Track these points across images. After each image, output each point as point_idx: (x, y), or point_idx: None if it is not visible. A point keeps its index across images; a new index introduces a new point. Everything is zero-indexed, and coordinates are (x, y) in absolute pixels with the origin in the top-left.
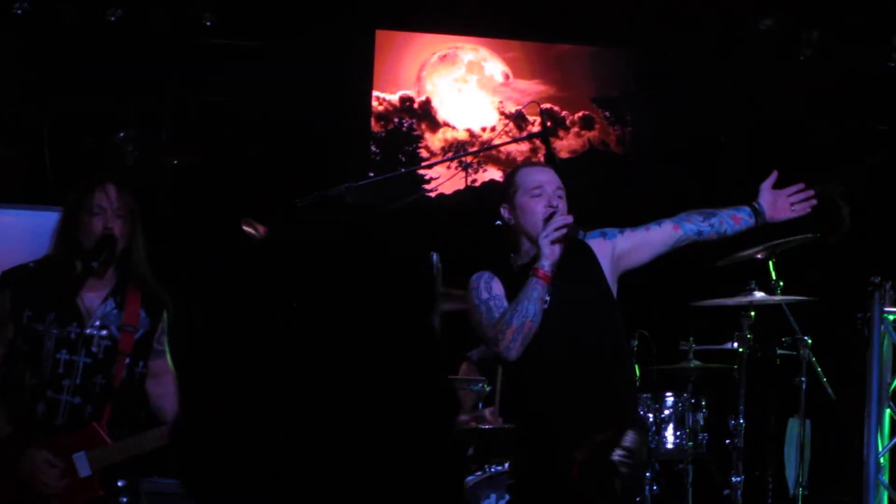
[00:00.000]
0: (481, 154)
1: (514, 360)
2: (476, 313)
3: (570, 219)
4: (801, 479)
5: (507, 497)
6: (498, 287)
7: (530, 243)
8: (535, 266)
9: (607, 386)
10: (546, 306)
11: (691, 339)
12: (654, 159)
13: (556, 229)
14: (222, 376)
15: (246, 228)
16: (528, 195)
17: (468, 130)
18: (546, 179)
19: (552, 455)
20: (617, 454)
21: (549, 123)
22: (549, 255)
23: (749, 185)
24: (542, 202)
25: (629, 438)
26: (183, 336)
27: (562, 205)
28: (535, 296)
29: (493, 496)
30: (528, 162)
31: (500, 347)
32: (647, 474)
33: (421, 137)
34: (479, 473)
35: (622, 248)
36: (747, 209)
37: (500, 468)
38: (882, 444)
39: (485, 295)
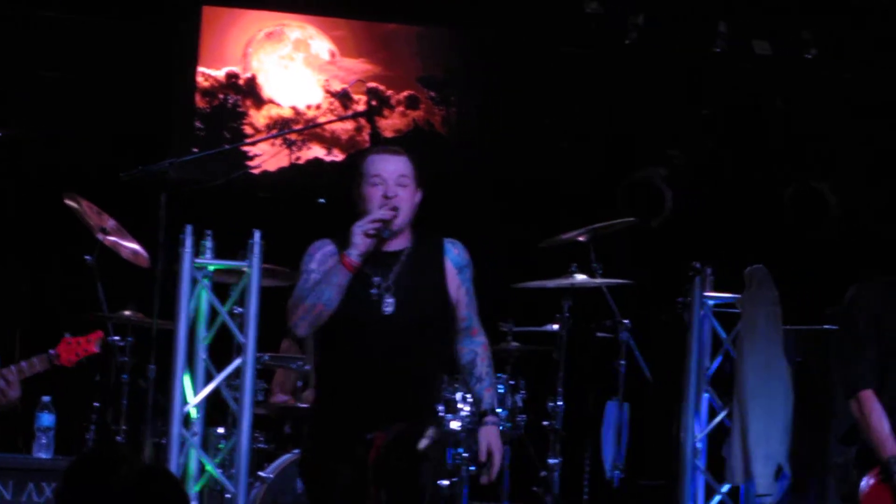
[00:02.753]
0: (306, 132)
1: (306, 336)
2: (297, 279)
3: (388, 214)
4: (617, 462)
5: None
6: (334, 262)
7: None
8: (343, 252)
9: (408, 379)
10: (343, 293)
11: (511, 320)
12: (478, 141)
13: (371, 222)
14: None
15: (68, 202)
16: (368, 184)
17: (293, 108)
18: (388, 168)
19: (341, 437)
20: (423, 442)
21: (374, 102)
22: (359, 245)
23: (577, 171)
24: (380, 191)
25: (432, 430)
26: None
27: (403, 194)
28: (335, 281)
29: None
30: (377, 148)
31: (290, 321)
32: (465, 454)
33: (246, 114)
34: (295, 451)
35: (453, 286)
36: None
37: None
38: (699, 428)
39: (311, 265)
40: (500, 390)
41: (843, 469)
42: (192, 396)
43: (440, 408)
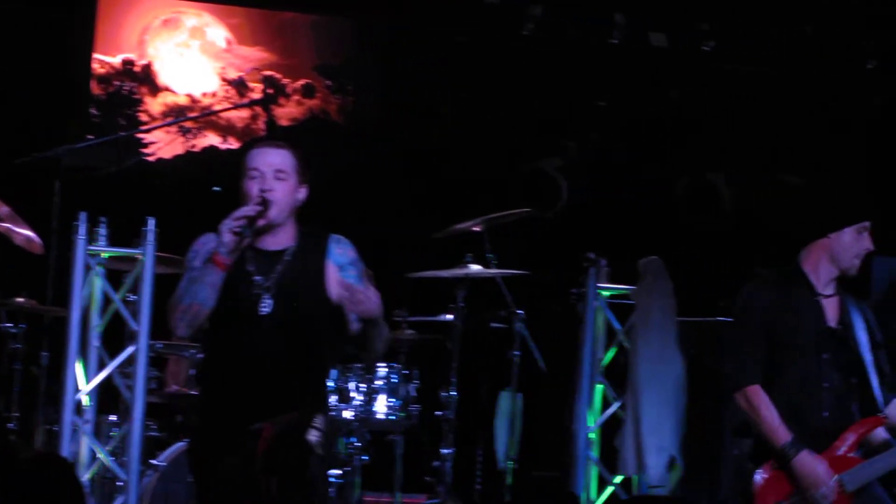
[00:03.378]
0: (201, 119)
1: (186, 336)
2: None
3: (253, 210)
4: (510, 453)
5: None
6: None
7: None
8: (213, 250)
9: (286, 378)
10: (218, 292)
11: (405, 309)
12: (374, 130)
13: (236, 219)
14: None
15: None
16: (247, 177)
17: (189, 95)
18: (266, 161)
19: (228, 429)
20: (312, 433)
21: (270, 91)
22: (227, 243)
23: (472, 161)
24: (256, 185)
25: (321, 420)
26: None
27: (280, 188)
28: (208, 280)
29: None
30: (259, 141)
31: (169, 323)
32: (358, 444)
33: (141, 101)
34: (188, 440)
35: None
36: None
37: None
38: (593, 419)
39: (195, 262)
40: (393, 380)
41: (737, 462)
42: (84, 384)
43: (332, 399)
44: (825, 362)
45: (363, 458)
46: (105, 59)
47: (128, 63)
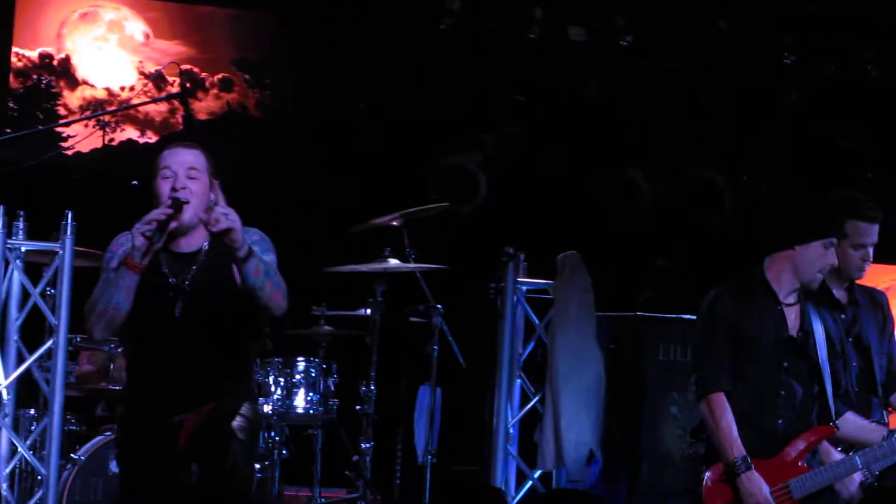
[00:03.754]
0: (119, 113)
1: (103, 338)
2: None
3: (164, 213)
4: (430, 447)
5: None
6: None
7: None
8: (127, 254)
9: (203, 378)
10: (132, 295)
11: (324, 304)
12: (293, 124)
13: (147, 223)
14: None
15: None
16: (160, 177)
17: (107, 89)
18: (178, 160)
19: (152, 421)
20: (237, 420)
21: (188, 85)
22: (140, 246)
23: (392, 155)
24: (169, 184)
25: (246, 408)
26: None
27: (194, 187)
28: (122, 284)
29: None
30: (173, 140)
31: (85, 325)
32: (277, 438)
33: (59, 95)
34: (108, 434)
35: None
36: None
37: None
38: (512, 414)
39: (112, 263)
40: (312, 374)
41: (690, 462)
42: (3, 378)
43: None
44: (784, 370)
45: (283, 452)
46: (23, 53)
47: (46, 57)
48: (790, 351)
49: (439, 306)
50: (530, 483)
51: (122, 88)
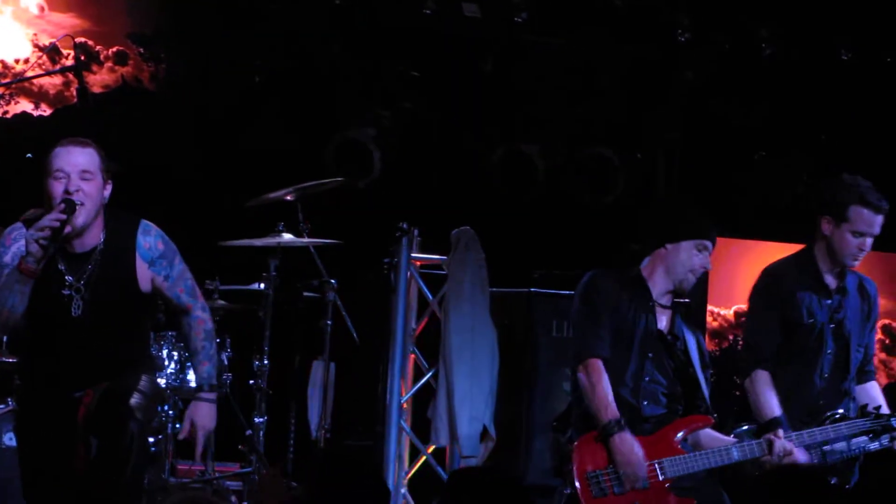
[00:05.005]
0: (13, 86)
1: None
2: None
3: (57, 220)
4: (323, 422)
5: None
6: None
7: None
8: (21, 258)
9: (102, 373)
10: (27, 297)
11: (217, 278)
12: (186, 98)
13: (41, 230)
14: None
15: None
16: (52, 178)
17: (1, 62)
18: (71, 161)
19: (49, 397)
20: (135, 399)
21: (82, 57)
22: (35, 253)
23: (286, 129)
24: (62, 186)
25: (144, 383)
26: None
27: (87, 188)
28: (17, 288)
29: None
30: (64, 140)
31: None
32: (171, 412)
33: None
34: (1, 406)
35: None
36: None
37: None
38: (405, 389)
39: (5, 258)
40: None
41: (556, 448)
42: None
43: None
44: (650, 360)
45: (176, 426)
46: None
47: None
48: (657, 345)
49: (333, 281)
50: (424, 458)
51: (17, 61)
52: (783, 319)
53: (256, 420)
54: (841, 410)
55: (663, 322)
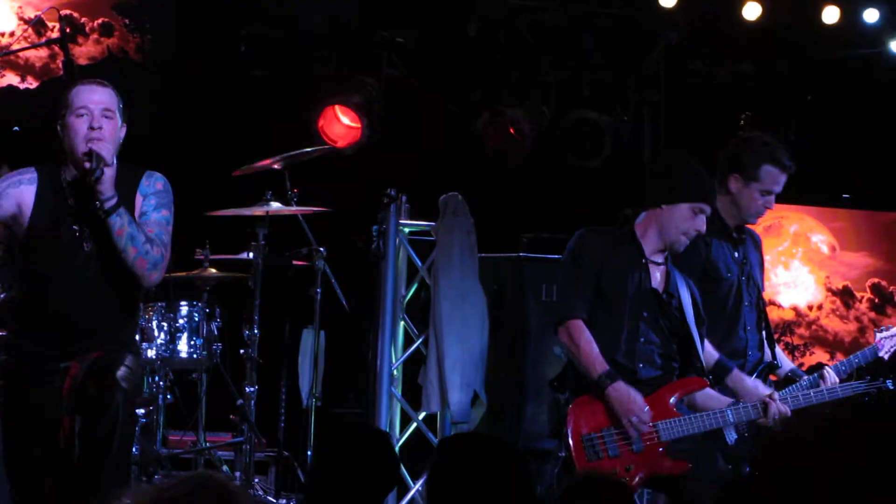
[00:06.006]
0: (0, 59)
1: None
2: None
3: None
4: (314, 390)
5: None
6: (28, 194)
7: (74, 160)
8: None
9: (103, 313)
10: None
11: (207, 248)
12: (173, 68)
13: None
14: None
15: None
16: (74, 114)
17: None
18: (94, 99)
19: (36, 366)
20: (121, 371)
21: (67, 30)
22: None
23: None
24: (86, 122)
25: (129, 359)
26: None
27: (107, 125)
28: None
29: None
30: (85, 79)
31: None
32: (161, 383)
33: None
34: None
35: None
36: None
37: None
38: (395, 356)
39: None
40: (195, 319)
41: (554, 408)
42: None
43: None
44: (644, 320)
45: (167, 397)
46: None
47: None
48: (652, 304)
49: (322, 249)
50: (415, 425)
51: (2, 34)
52: (706, 276)
53: (247, 389)
54: (773, 361)
55: (657, 279)
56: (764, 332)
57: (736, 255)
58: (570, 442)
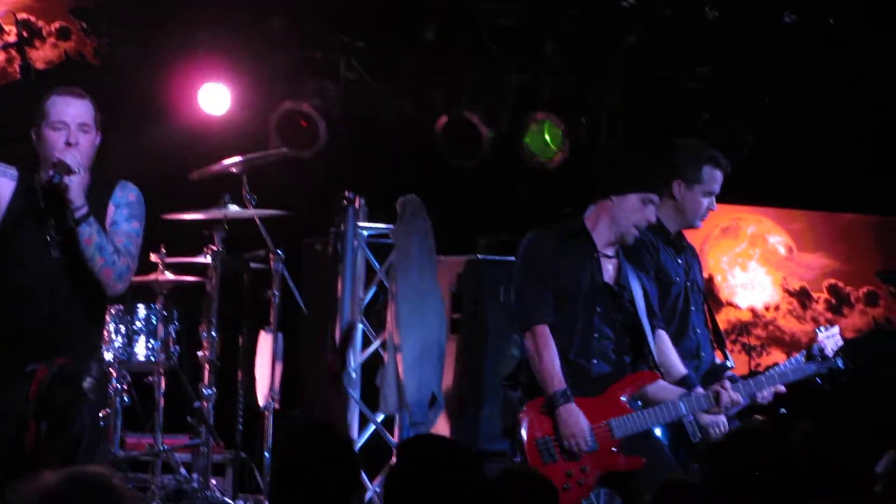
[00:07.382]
0: None
1: None
2: None
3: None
4: (272, 393)
5: None
6: (7, 189)
7: (47, 169)
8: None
9: (68, 318)
10: None
11: (163, 251)
12: (130, 71)
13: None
14: None
15: None
16: (51, 127)
17: None
18: (71, 113)
19: (2, 369)
20: (87, 382)
21: (25, 34)
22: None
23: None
24: (62, 137)
25: (94, 368)
26: None
27: (84, 140)
28: None
29: None
30: (61, 88)
31: None
32: (119, 386)
33: None
34: None
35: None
36: None
37: None
38: (354, 359)
39: None
40: (153, 321)
41: (507, 406)
42: None
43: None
44: (598, 315)
45: (124, 399)
46: None
47: None
48: (605, 299)
49: (280, 252)
50: (373, 427)
51: None
52: (658, 281)
53: (205, 392)
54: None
55: (609, 272)
56: (711, 333)
57: (679, 260)
58: (525, 446)
